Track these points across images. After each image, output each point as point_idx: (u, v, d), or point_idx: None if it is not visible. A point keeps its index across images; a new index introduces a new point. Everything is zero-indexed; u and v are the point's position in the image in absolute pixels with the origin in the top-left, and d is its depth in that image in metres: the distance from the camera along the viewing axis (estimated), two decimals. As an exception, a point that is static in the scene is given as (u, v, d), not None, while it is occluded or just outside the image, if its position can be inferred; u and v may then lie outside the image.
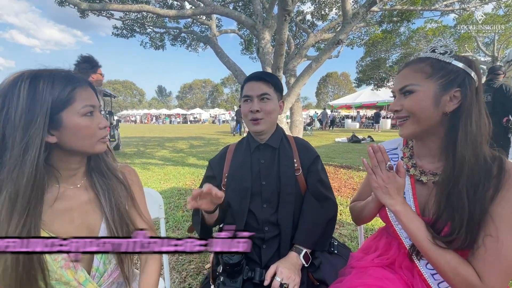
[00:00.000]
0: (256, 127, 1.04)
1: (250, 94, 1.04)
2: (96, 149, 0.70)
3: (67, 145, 0.65)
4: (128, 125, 34.08)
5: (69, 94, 0.63)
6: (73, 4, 4.42)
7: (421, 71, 0.71)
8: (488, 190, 0.65)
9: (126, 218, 0.76)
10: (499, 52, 11.98)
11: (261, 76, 1.06)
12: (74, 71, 0.68)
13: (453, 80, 0.69)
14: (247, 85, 1.07)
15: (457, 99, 0.69)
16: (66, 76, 0.64)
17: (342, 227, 2.60)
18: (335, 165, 5.57)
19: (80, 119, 0.64)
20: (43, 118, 0.59)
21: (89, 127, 0.66)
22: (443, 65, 0.70)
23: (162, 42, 8.18)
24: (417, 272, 0.74)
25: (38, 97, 0.59)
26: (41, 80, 0.60)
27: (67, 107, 0.63)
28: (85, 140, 0.66)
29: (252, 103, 1.03)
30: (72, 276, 0.66)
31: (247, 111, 1.04)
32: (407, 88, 0.72)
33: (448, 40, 0.73)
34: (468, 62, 0.70)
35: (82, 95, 0.65)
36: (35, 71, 0.62)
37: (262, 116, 1.03)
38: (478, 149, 0.67)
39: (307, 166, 1.08)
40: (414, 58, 0.76)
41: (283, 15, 3.47)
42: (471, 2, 6.83)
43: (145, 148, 9.20)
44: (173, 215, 2.92)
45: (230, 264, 0.84)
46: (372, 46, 11.11)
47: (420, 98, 0.71)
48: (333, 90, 62.54)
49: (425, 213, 0.77)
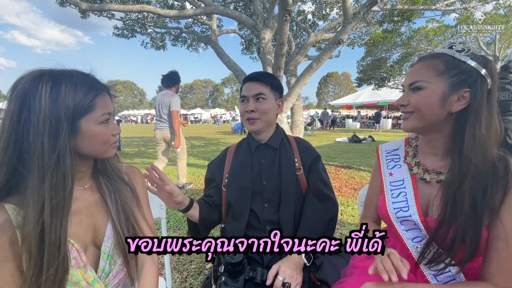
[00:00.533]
0: (252, 126, 1.06)
1: (246, 95, 1.07)
2: (107, 154, 0.71)
3: (80, 150, 0.65)
4: (129, 125, 34.09)
5: (91, 102, 0.62)
6: (74, 5, 4.42)
7: (434, 68, 0.70)
8: (497, 192, 0.64)
9: (132, 219, 0.77)
10: (500, 51, 11.95)
11: (256, 76, 1.08)
12: (92, 75, 0.68)
13: (464, 80, 0.67)
14: (244, 86, 1.10)
15: (465, 100, 0.68)
16: (89, 82, 0.64)
17: (343, 227, 2.60)
18: (336, 165, 5.57)
19: (98, 126, 0.65)
20: (68, 125, 0.59)
21: (105, 135, 0.67)
22: (457, 64, 0.68)
23: (163, 42, 8.19)
24: (419, 272, 0.74)
25: (61, 102, 0.58)
26: (63, 84, 0.59)
27: (87, 114, 0.62)
28: (99, 146, 0.67)
29: (248, 103, 1.06)
30: (82, 276, 0.66)
31: (243, 111, 1.07)
32: (416, 84, 0.71)
33: (467, 38, 0.71)
34: (484, 63, 0.68)
35: (102, 102, 0.65)
36: (56, 72, 0.61)
37: (257, 116, 1.05)
38: (486, 152, 0.66)
39: (308, 166, 1.08)
40: (429, 53, 0.74)
41: (284, 15, 3.47)
42: (472, 2, 6.81)
43: (146, 148, 9.20)
44: (174, 215, 2.92)
45: (231, 264, 0.84)
46: (372, 46, 11.07)
47: (428, 96, 0.70)
48: (333, 90, 62.46)
49: (428, 213, 0.76)
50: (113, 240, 0.73)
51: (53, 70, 0.62)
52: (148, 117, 43.70)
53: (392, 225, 0.80)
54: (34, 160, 0.56)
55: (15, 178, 0.59)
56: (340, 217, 2.82)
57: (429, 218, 0.74)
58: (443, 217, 0.68)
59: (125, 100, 70.10)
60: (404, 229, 0.78)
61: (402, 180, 0.82)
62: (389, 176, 0.86)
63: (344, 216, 2.85)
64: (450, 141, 0.73)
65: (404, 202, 0.78)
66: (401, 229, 0.78)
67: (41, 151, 0.56)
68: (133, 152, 8.06)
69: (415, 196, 0.77)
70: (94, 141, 0.65)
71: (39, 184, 0.56)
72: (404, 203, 0.78)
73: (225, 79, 66.82)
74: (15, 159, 0.57)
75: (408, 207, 0.77)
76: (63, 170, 0.59)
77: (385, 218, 0.83)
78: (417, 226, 0.75)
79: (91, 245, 0.73)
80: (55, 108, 0.57)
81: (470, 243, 0.64)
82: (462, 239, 0.64)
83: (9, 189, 0.59)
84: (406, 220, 0.77)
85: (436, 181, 0.75)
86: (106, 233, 0.73)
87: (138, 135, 15.77)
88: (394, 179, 0.84)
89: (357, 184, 4.05)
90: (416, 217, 0.75)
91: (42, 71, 0.60)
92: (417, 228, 0.76)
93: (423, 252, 0.72)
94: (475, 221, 0.64)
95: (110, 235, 0.73)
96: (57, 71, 0.62)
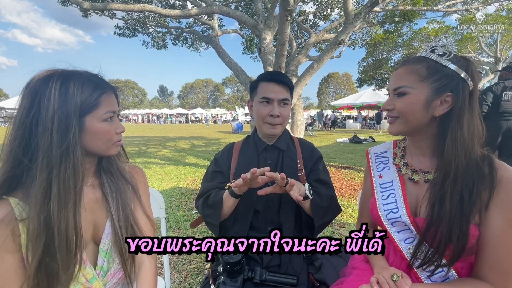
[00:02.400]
0: (273, 131, 1.03)
1: (271, 97, 1.00)
2: (110, 152, 0.72)
3: (84, 147, 0.66)
4: (130, 125, 34.15)
5: (96, 99, 0.65)
6: (76, 4, 4.43)
7: (416, 73, 0.71)
8: (484, 190, 0.65)
9: (131, 219, 0.77)
10: (502, 53, 11.92)
11: (283, 79, 1.02)
12: (99, 75, 0.70)
13: (446, 84, 0.68)
14: (268, 86, 1.02)
15: (448, 104, 0.69)
16: (95, 81, 0.66)
17: (342, 228, 2.60)
18: (336, 165, 5.56)
19: (101, 124, 0.66)
20: (77, 121, 0.61)
21: (108, 132, 0.68)
22: (439, 68, 0.69)
23: (164, 42, 8.20)
24: (413, 274, 0.75)
25: (69, 99, 0.60)
26: (72, 82, 0.62)
27: (92, 111, 0.64)
28: (102, 143, 0.69)
29: (273, 107, 1.01)
30: (81, 272, 0.67)
31: (266, 114, 1.01)
32: (401, 89, 0.72)
33: (449, 40, 0.73)
34: (465, 66, 0.69)
35: (107, 100, 0.67)
36: (66, 72, 0.64)
37: (280, 121, 1.02)
38: (469, 153, 0.67)
39: (310, 167, 1.08)
40: (412, 56, 0.76)
41: (285, 15, 3.47)
42: (474, 3, 6.79)
43: (147, 147, 9.22)
44: (174, 215, 2.92)
45: (230, 263, 0.84)
46: (373, 47, 11.05)
47: (412, 101, 0.71)
48: (334, 90, 62.44)
49: (417, 213, 0.77)
50: (111, 238, 0.74)
51: (63, 70, 0.64)
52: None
53: (384, 227, 0.80)
54: (40, 153, 0.58)
55: (20, 171, 0.60)
56: (340, 217, 2.82)
57: (418, 218, 0.74)
58: (431, 217, 0.69)
59: (126, 100, 70.17)
60: (395, 231, 0.78)
61: (391, 181, 0.82)
62: (379, 178, 0.86)
63: (344, 217, 2.85)
64: (435, 142, 0.74)
65: (393, 204, 0.79)
66: (392, 231, 0.78)
67: (48, 144, 0.58)
68: (133, 152, 8.07)
69: (403, 197, 0.78)
70: (97, 138, 0.67)
71: (45, 177, 0.58)
72: (394, 205, 0.78)
73: (226, 79, 66.89)
74: (20, 152, 0.59)
75: (397, 208, 0.77)
76: (73, 164, 0.61)
77: (377, 220, 0.84)
78: (408, 227, 0.75)
79: (91, 241, 0.74)
80: (64, 104, 0.60)
81: (456, 242, 0.64)
82: (449, 238, 0.65)
83: (15, 182, 0.61)
84: (396, 222, 0.77)
85: (424, 181, 0.76)
86: (105, 230, 0.74)
87: (139, 134, 15.79)
88: (384, 181, 0.84)
89: (358, 185, 4.04)
90: (405, 218, 0.75)
91: (53, 70, 0.63)
92: (408, 229, 0.76)
93: (415, 252, 0.72)
94: (462, 220, 0.65)
95: (109, 232, 0.74)
96: (67, 71, 0.65)
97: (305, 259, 1.01)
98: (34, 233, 0.58)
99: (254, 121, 1.11)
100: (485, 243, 0.66)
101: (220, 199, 0.97)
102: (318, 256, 1.01)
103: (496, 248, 0.64)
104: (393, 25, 7.42)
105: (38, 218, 0.57)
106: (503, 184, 0.65)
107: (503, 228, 0.63)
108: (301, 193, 0.89)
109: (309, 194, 0.92)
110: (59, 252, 0.60)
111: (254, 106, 1.07)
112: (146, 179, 0.91)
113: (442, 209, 0.67)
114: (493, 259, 0.65)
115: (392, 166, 0.85)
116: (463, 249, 0.65)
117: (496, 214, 0.64)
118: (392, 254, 0.82)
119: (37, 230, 0.58)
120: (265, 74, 1.06)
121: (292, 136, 1.17)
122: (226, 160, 1.12)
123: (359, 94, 22.96)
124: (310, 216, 1.00)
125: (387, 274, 0.69)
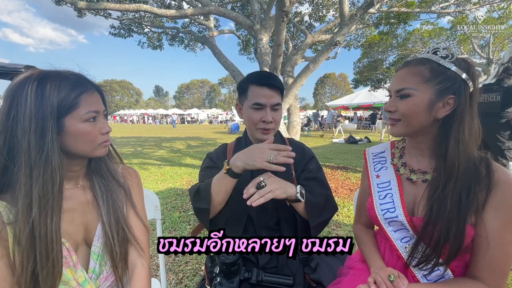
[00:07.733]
0: (266, 136, 1.00)
1: (263, 103, 0.96)
2: (96, 154, 0.70)
3: (67, 149, 0.65)
4: (125, 125, 33.85)
5: (74, 100, 0.62)
6: (70, 3, 4.38)
7: (420, 75, 0.71)
8: (480, 192, 0.66)
9: (123, 223, 0.76)
10: (494, 54, 12.11)
11: (274, 84, 0.98)
12: (83, 75, 0.68)
13: (449, 87, 0.69)
14: (260, 91, 0.98)
15: (450, 106, 0.70)
16: (74, 80, 0.64)
17: (339, 228, 2.61)
18: (332, 166, 5.59)
19: (82, 124, 0.64)
20: (54, 123, 0.60)
21: (90, 133, 0.66)
22: (442, 70, 0.69)
23: (160, 42, 8.15)
24: (409, 273, 0.75)
25: (46, 100, 0.59)
26: (48, 83, 0.60)
27: (70, 112, 0.62)
28: (85, 145, 0.66)
29: (265, 113, 0.97)
30: (72, 276, 0.66)
31: (258, 120, 0.98)
32: (404, 91, 0.72)
33: (451, 42, 0.73)
34: (466, 67, 0.70)
35: (88, 100, 0.65)
36: (44, 72, 0.62)
37: (273, 126, 1.00)
38: (469, 155, 0.68)
39: (301, 167, 1.07)
40: (414, 57, 0.75)
41: (281, 16, 3.48)
42: (467, 5, 6.89)
43: (142, 148, 9.15)
44: (170, 216, 2.90)
45: (226, 264, 0.83)
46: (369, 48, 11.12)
47: (415, 103, 0.71)
48: (330, 91, 62.75)
49: (414, 213, 0.77)
50: (102, 240, 0.73)
51: (42, 71, 0.62)
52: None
53: (381, 226, 0.81)
54: (21, 157, 0.57)
55: (7, 175, 0.59)
56: (336, 218, 2.83)
57: (415, 217, 0.75)
58: (429, 216, 0.70)
59: (121, 100, 69.60)
60: (392, 230, 0.79)
61: (389, 181, 0.83)
62: (376, 178, 0.87)
63: (340, 217, 2.86)
64: (435, 143, 0.75)
65: (390, 203, 0.79)
66: (389, 230, 0.79)
67: (27, 147, 0.57)
68: (129, 152, 8.00)
69: (400, 196, 0.79)
70: (79, 139, 0.65)
71: (27, 180, 0.57)
72: (391, 204, 0.79)
73: (222, 79, 66.65)
74: (5, 156, 0.58)
75: (394, 208, 0.78)
76: (51, 168, 0.59)
77: (374, 220, 0.84)
78: (404, 226, 0.76)
79: (82, 244, 0.73)
80: (40, 106, 0.58)
81: (453, 241, 0.65)
82: (446, 238, 0.66)
83: (5, 185, 0.60)
84: (393, 221, 0.78)
85: (422, 181, 0.77)
86: (96, 233, 0.73)
87: (134, 135, 15.67)
88: (381, 181, 0.85)
89: (353, 185, 4.07)
90: (402, 217, 0.76)
91: (32, 71, 0.61)
92: (404, 228, 0.77)
93: (412, 252, 0.73)
94: (459, 220, 0.65)
95: (100, 235, 0.73)
96: (46, 71, 0.63)
97: (301, 260, 1.01)
98: (19, 237, 0.57)
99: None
100: (481, 244, 0.67)
101: (211, 180, 0.92)
102: (314, 256, 1.00)
103: (491, 249, 0.65)
104: (388, 27, 7.49)
105: (23, 222, 0.57)
106: (499, 186, 0.66)
107: (499, 230, 0.65)
108: (290, 195, 0.86)
109: (300, 197, 0.88)
110: (39, 257, 0.58)
111: (245, 110, 1.02)
112: (140, 180, 0.89)
113: (442, 209, 0.68)
114: (488, 259, 0.66)
115: (390, 166, 0.86)
116: (460, 248, 0.66)
117: (492, 215, 0.65)
118: (388, 253, 0.83)
119: (22, 234, 0.57)
120: (255, 77, 1.01)
121: (283, 137, 1.15)
122: (221, 158, 1.10)
123: (355, 94, 23.10)
124: (305, 220, 0.97)
125: (384, 274, 0.70)
